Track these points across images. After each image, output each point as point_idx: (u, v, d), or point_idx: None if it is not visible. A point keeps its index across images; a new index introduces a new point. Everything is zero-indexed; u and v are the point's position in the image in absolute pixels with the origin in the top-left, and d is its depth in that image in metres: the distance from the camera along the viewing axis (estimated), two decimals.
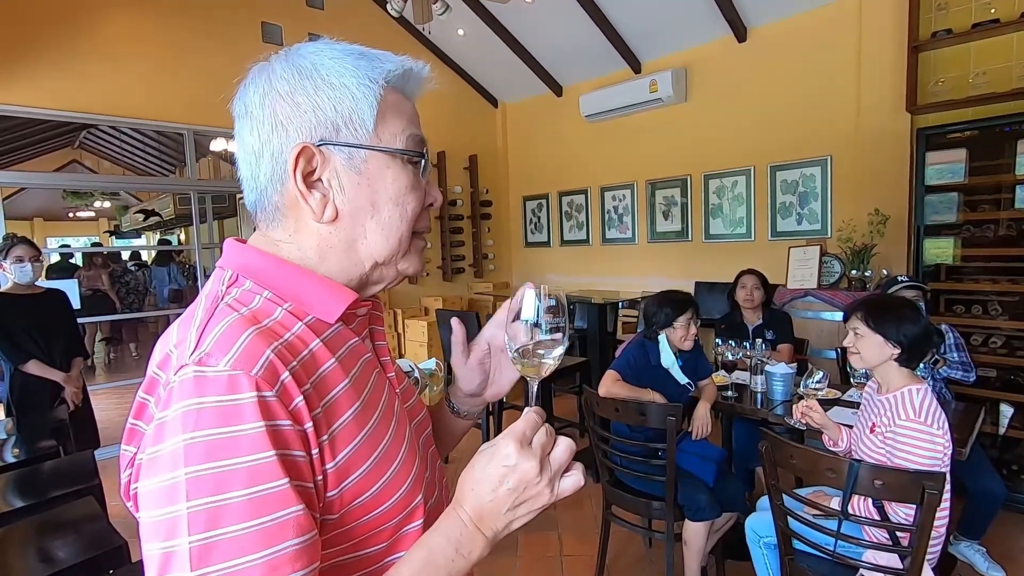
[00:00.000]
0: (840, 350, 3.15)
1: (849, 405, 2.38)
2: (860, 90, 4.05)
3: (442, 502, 0.70)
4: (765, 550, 1.98)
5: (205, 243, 4.94)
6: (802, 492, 1.89)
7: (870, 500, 1.64)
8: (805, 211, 4.49)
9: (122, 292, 7.59)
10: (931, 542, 1.53)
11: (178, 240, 11.24)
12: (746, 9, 4.51)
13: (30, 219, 11.33)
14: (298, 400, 0.52)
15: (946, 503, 1.63)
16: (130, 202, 11.34)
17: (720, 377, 2.71)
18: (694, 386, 2.51)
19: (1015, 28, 3.33)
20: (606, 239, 6.02)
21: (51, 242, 10.64)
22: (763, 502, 2.07)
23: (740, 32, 4.65)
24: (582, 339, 4.77)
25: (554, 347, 0.65)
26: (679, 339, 2.40)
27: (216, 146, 5.60)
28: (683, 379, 2.43)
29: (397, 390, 0.69)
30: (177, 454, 0.47)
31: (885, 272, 3.65)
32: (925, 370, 2.50)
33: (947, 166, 3.42)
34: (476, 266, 6.65)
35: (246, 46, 4.76)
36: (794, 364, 2.68)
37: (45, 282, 3.00)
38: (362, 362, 0.63)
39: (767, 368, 2.59)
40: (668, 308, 2.42)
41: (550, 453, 0.55)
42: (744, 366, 2.78)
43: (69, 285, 3.66)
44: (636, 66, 5.41)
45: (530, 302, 0.65)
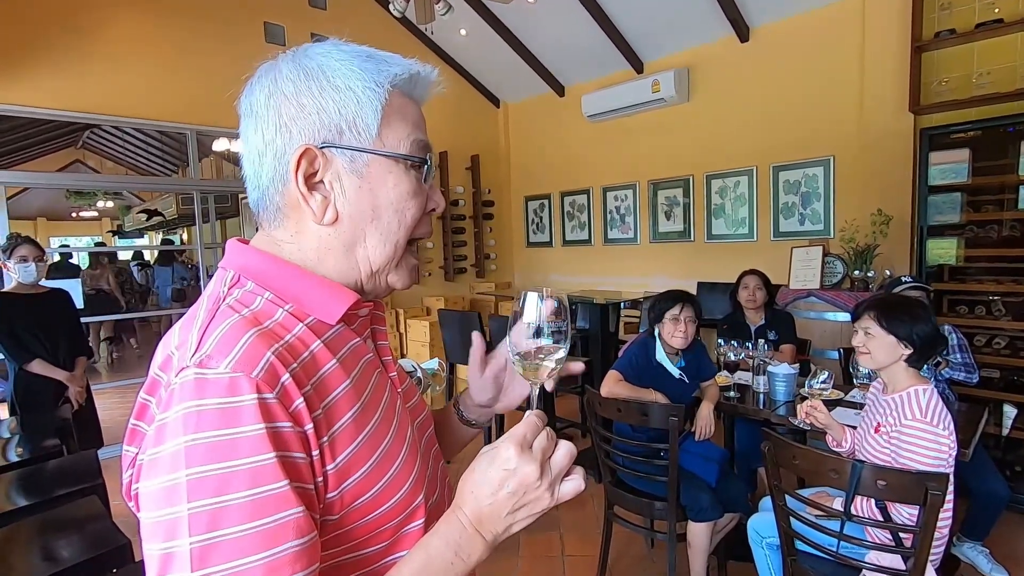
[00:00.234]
0: (843, 351, 3.14)
1: (852, 406, 2.37)
2: (863, 90, 4.04)
3: (444, 501, 0.70)
4: (767, 551, 1.97)
5: (208, 243, 4.95)
6: (805, 493, 1.89)
7: (873, 501, 1.64)
8: (808, 211, 4.48)
9: (127, 291, 7.61)
10: (934, 543, 1.53)
11: (180, 240, 11.26)
12: (748, 9, 4.51)
13: (34, 219, 11.35)
14: (298, 402, 0.52)
15: (949, 504, 1.62)
16: (133, 202, 11.36)
17: (722, 377, 2.71)
18: (697, 386, 2.50)
19: (1019, 28, 3.32)
20: (608, 239, 6.01)
21: (54, 242, 10.68)
22: (765, 502, 2.07)
23: (743, 32, 4.64)
24: (584, 339, 4.77)
25: (556, 351, 0.65)
26: (668, 334, 2.39)
27: (219, 146, 5.61)
28: (676, 372, 2.41)
29: (399, 390, 0.69)
30: (178, 455, 0.47)
31: (888, 273, 3.64)
32: (928, 371, 2.49)
33: (950, 166, 3.41)
34: (478, 266, 6.65)
35: (248, 46, 4.77)
36: (797, 365, 2.68)
37: (48, 282, 3.00)
38: (363, 363, 0.63)
39: (769, 368, 2.58)
40: (661, 302, 2.42)
41: (551, 457, 0.55)
42: (746, 366, 2.78)
43: (72, 285, 3.67)
44: (638, 66, 5.40)
45: (532, 306, 0.65)
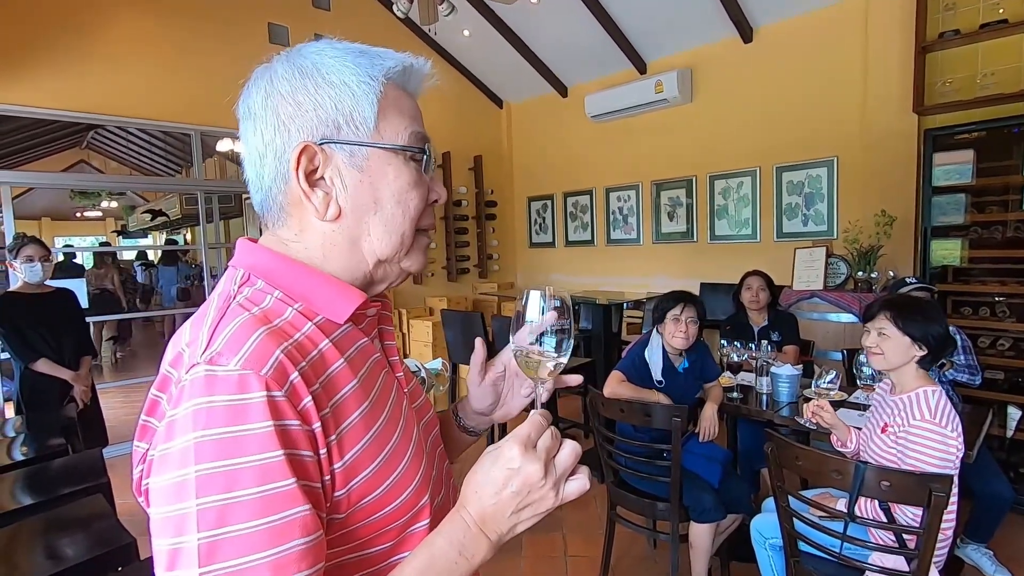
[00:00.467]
0: (846, 352, 3.14)
1: (856, 407, 2.37)
2: (867, 91, 4.03)
3: (449, 502, 0.70)
4: (770, 552, 1.97)
5: (212, 243, 4.96)
6: (808, 494, 1.88)
7: (876, 502, 1.64)
8: (811, 212, 4.47)
9: (128, 291, 7.64)
10: (938, 545, 1.52)
11: (184, 240, 11.30)
12: (752, 9, 4.50)
13: (38, 219, 11.41)
14: (307, 400, 0.52)
15: (953, 506, 1.62)
16: (137, 202, 11.40)
17: (725, 378, 2.70)
18: (700, 387, 2.50)
19: None
20: (611, 240, 6.01)
21: (58, 242, 10.72)
22: (768, 503, 2.07)
23: (746, 32, 4.64)
24: (587, 340, 4.77)
25: (559, 351, 0.65)
26: (669, 334, 2.38)
27: (222, 146, 5.63)
28: (657, 375, 2.40)
29: (405, 390, 0.69)
30: (187, 452, 0.47)
31: (892, 273, 3.63)
32: (932, 373, 2.48)
33: (954, 167, 3.40)
34: (481, 266, 6.66)
35: (252, 47, 4.78)
36: (800, 366, 2.68)
37: (53, 281, 3.02)
38: (371, 362, 0.63)
39: (773, 369, 2.58)
40: (663, 303, 2.41)
41: (555, 456, 0.55)
42: (749, 367, 2.77)
43: (77, 284, 3.69)
44: (641, 66, 5.40)
45: (535, 305, 0.65)
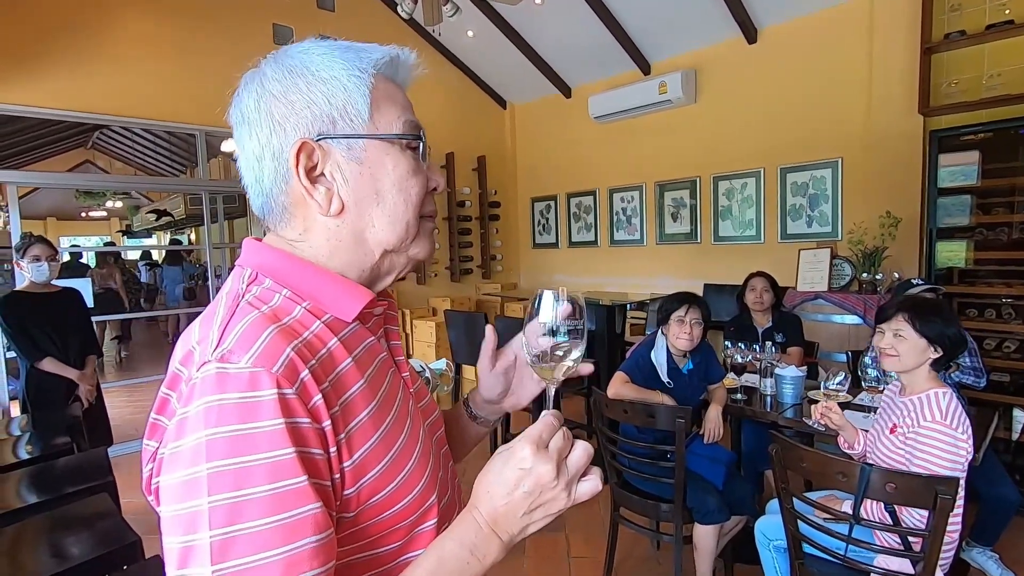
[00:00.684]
0: (850, 353, 3.13)
1: (860, 408, 2.36)
2: (871, 92, 4.02)
3: (454, 502, 0.70)
4: (775, 553, 1.96)
5: (216, 243, 4.98)
6: (812, 496, 1.88)
7: (882, 504, 1.63)
8: (815, 213, 4.46)
9: (131, 291, 7.67)
10: (944, 547, 1.51)
11: (188, 240, 11.33)
12: (756, 10, 4.49)
13: (44, 218, 11.47)
14: (317, 398, 0.52)
15: (959, 508, 1.61)
16: (141, 202, 11.45)
17: (729, 380, 2.70)
18: (704, 388, 2.50)
19: None
20: (614, 241, 6.01)
21: (64, 241, 10.77)
22: (773, 505, 2.06)
23: (750, 33, 4.63)
24: (590, 340, 4.75)
25: (572, 351, 0.65)
26: (673, 336, 2.38)
27: (227, 147, 5.64)
28: (664, 376, 2.40)
29: (411, 390, 0.69)
30: (199, 449, 0.47)
31: (897, 275, 3.62)
32: (940, 375, 2.47)
33: (960, 168, 3.39)
34: (484, 267, 6.66)
35: (257, 48, 4.66)
36: (804, 367, 2.67)
37: (60, 281, 3.03)
38: (378, 361, 0.63)
39: (777, 371, 2.57)
40: (667, 304, 2.41)
41: (567, 457, 0.55)
42: (753, 369, 2.77)
43: (83, 284, 3.70)
44: (645, 67, 5.40)
45: (548, 306, 0.65)
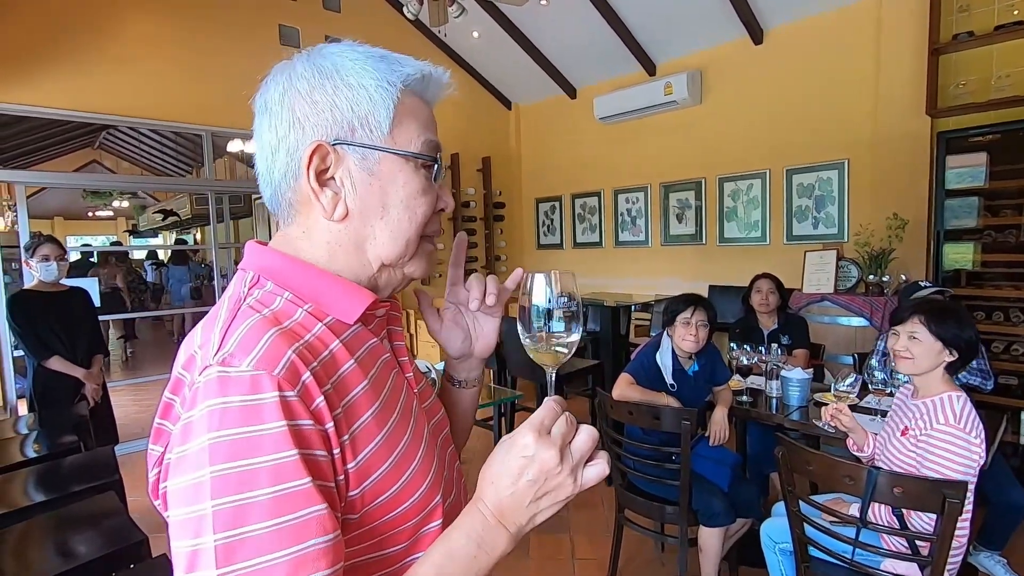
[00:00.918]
0: (857, 356, 3.11)
1: (867, 411, 2.35)
2: (878, 93, 4.00)
3: (460, 503, 0.70)
4: (781, 556, 1.95)
5: (222, 243, 4.99)
6: (819, 499, 1.87)
7: (889, 508, 1.62)
8: (822, 215, 4.44)
9: (133, 291, 7.72)
10: (952, 552, 1.50)
11: (194, 240, 11.38)
12: (762, 10, 4.48)
13: (51, 218, 11.53)
14: (319, 400, 0.52)
15: (968, 513, 1.60)
16: (147, 202, 11.51)
17: (735, 382, 2.69)
18: (710, 390, 2.49)
19: None
20: (619, 242, 6.00)
21: (71, 241, 10.84)
22: (779, 507, 2.05)
23: (756, 34, 4.61)
24: (595, 341, 4.76)
25: (568, 333, 0.64)
26: (679, 337, 2.37)
27: (233, 147, 5.67)
28: (669, 378, 2.39)
29: (415, 390, 0.69)
30: (202, 453, 0.47)
31: (904, 277, 3.60)
32: None
33: (967, 170, 3.37)
34: (488, 267, 6.66)
35: (264, 48, 4.81)
36: (810, 369, 2.65)
37: (68, 280, 3.05)
38: (381, 363, 0.63)
39: (783, 373, 2.56)
40: (673, 305, 2.40)
41: (571, 442, 0.54)
42: (759, 371, 2.76)
43: (90, 283, 3.72)
44: (651, 68, 5.39)
45: (540, 288, 0.64)
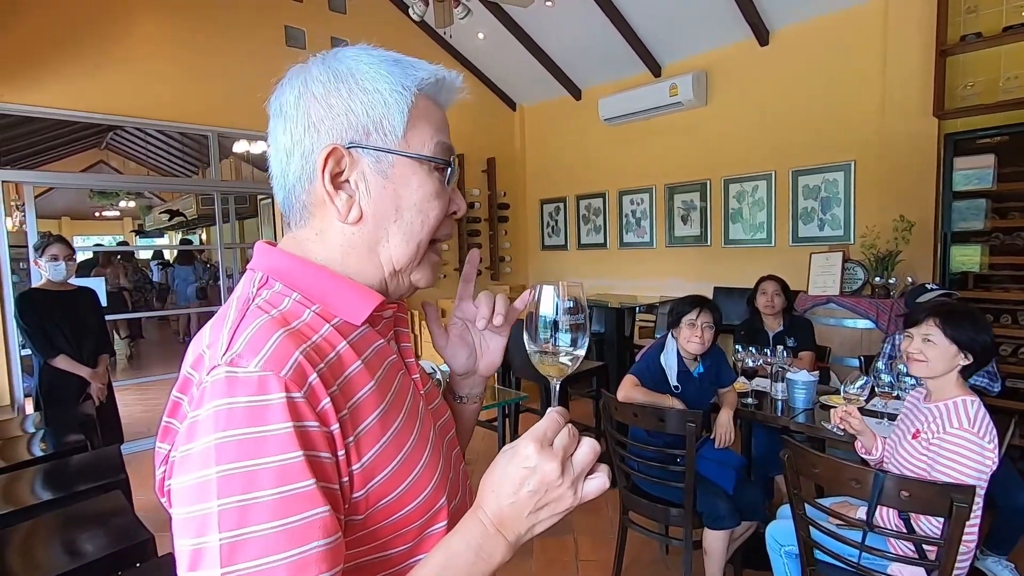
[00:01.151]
0: (863, 359, 3.10)
1: (873, 414, 2.33)
2: (885, 94, 3.98)
3: (465, 504, 0.70)
4: (786, 559, 1.95)
5: (227, 243, 5.01)
6: (825, 502, 1.86)
7: (896, 511, 1.61)
8: (827, 216, 4.42)
9: (137, 290, 7.77)
10: (960, 556, 1.49)
11: (200, 240, 11.43)
12: (768, 11, 4.47)
13: (58, 218, 11.60)
14: (325, 402, 0.52)
15: (977, 517, 1.59)
16: (153, 202, 11.58)
17: (740, 384, 2.68)
18: (715, 392, 2.48)
19: None
20: (624, 243, 5.99)
21: (78, 241, 10.90)
22: (784, 510, 2.04)
23: (762, 35, 4.60)
24: (599, 343, 4.75)
25: (575, 346, 0.64)
26: (684, 339, 2.36)
27: (239, 147, 5.70)
28: (674, 380, 2.38)
29: (422, 392, 0.69)
30: (208, 452, 0.48)
31: (910, 279, 3.58)
32: None
33: (974, 172, 3.35)
34: (493, 269, 6.66)
35: (270, 50, 4.83)
36: (816, 372, 2.64)
37: (76, 279, 3.07)
38: (387, 364, 0.63)
39: (789, 375, 2.55)
40: (679, 307, 2.40)
41: (573, 454, 0.54)
42: (764, 373, 2.75)
43: (97, 283, 3.74)
44: (656, 69, 5.38)
45: (548, 299, 0.64)
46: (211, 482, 0.47)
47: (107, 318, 3.23)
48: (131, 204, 11.74)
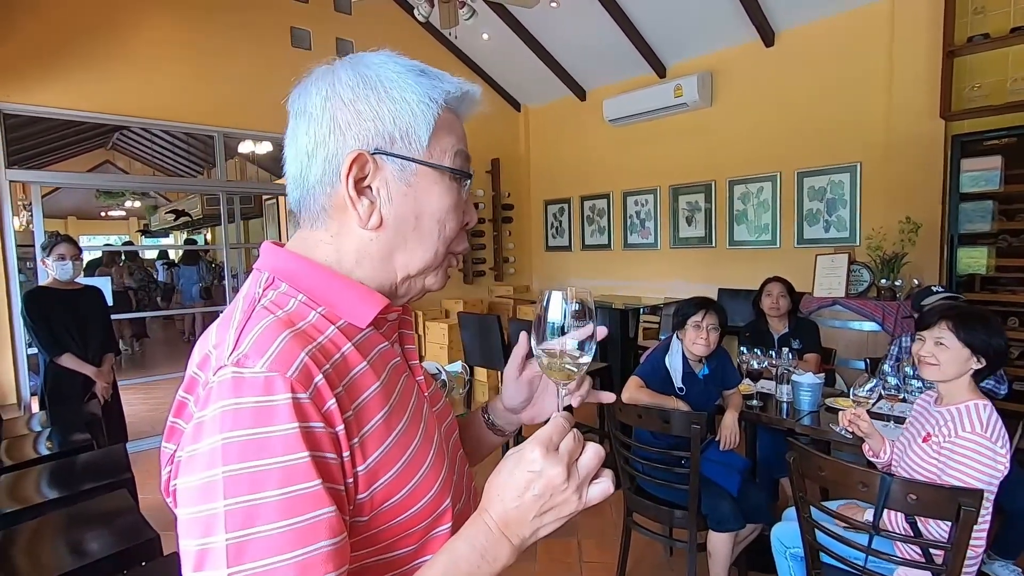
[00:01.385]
0: (868, 361, 3.08)
1: (879, 417, 2.32)
2: (892, 95, 3.96)
3: (469, 506, 0.70)
4: (791, 561, 1.94)
5: (232, 243, 5.03)
6: (831, 505, 1.85)
7: (903, 515, 1.60)
8: (833, 218, 4.41)
9: (141, 290, 7.80)
10: (968, 561, 1.48)
11: (204, 240, 11.48)
12: (773, 12, 4.46)
13: (65, 217, 11.66)
14: (331, 402, 0.52)
15: (985, 522, 1.57)
16: (159, 202, 11.63)
17: (745, 386, 2.67)
18: (720, 394, 2.47)
19: None
20: (628, 244, 5.98)
21: (84, 240, 10.96)
22: (789, 512, 2.03)
23: (767, 36, 4.59)
24: (603, 344, 4.74)
25: (582, 352, 0.64)
26: (690, 341, 2.35)
27: (244, 148, 5.71)
28: (678, 381, 2.37)
29: (425, 394, 0.69)
30: (215, 453, 0.48)
31: (916, 282, 3.56)
32: None
33: (982, 173, 3.33)
34: (497, 269, 6.67)
35: (275, 51, 4.84)
36: (822, 374, 2.63)
37: (81, 279, 3.09)
38: (391, 366, 0.63)
39: (794, 378, 2.54)
40: (684, 308, 2.39)
41: (578, 459, 0.54)
42: (769, 375, 2.73)
43: (103, 282, 3.76)
44: (661, 70, 5.37)
45: (557, 306, 0.64)
46: (217, 482, 0.47)
47: (112, 317, 3.25)
48: (137, 204, 11.80)
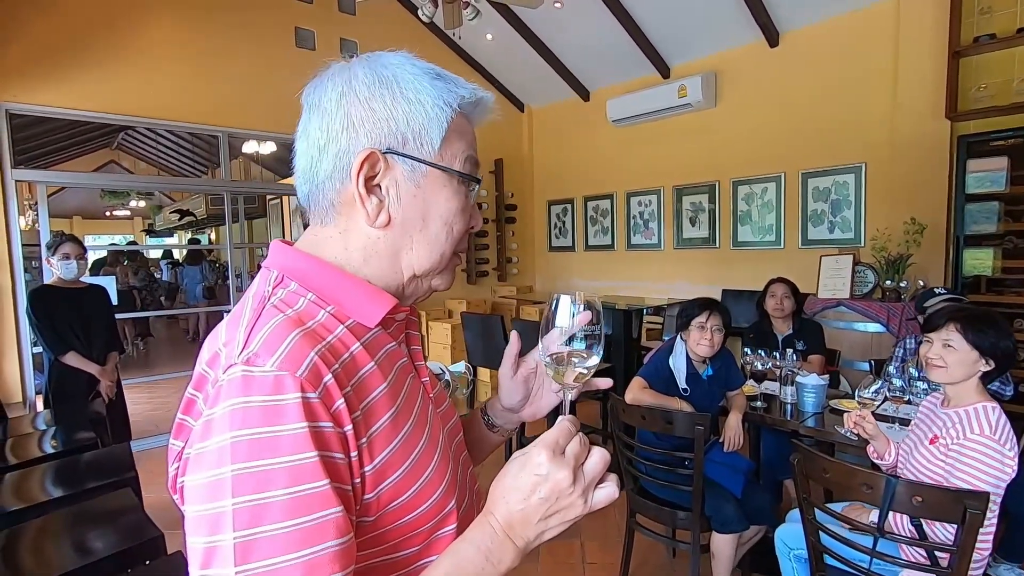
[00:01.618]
0: (873, 362, 3.07)
1: (883, 419, 2.31)
2: (897, 96, 3.95)
3: (473, 508, 0.70)
4: (795, 563, 1.93)
5: (236, 243, 5.04)
6: (835, 507, 1.84)
7: (908, 517, 1.59)
8: (838, 219, 4.39)
9: (144, 289, 7.83)
10: (974, 564, 1.47)
11: (208, 239, 11.51)
12: (778, 13, 4.45)
13: (70, 217, 11.71)
14: (339, 402, 0.52)
15: (992, 524, 1.57)
16: (163, 201, 11.66)
17: (749, 387, 2.66)
18: (723, 395, 2.47)
19: None
20: (631, 245, 5.97)
21: (89, 240, 10.99)
22: (793, 513, 2.03)
23: (772, 36, 4.58)
24: (606, 345, 4.73)
25: (588, 356, 0.64)
26: (694, 342, 2.35)
27: (248, 148, 5.73)
28: (682, 382, 2.37)
29: (431, 395, 0.69)
30: (223, 451, 0.48)
31: (921, 283, 3.55)
32: None
33: (987, 174, 3.32)
34: (500, 270, 6.67)
35: (279, 51, 4.85)
36: (826, 375, 2.62)
37: (86, 278, 3.10)
38: (398, 366, 0.63)
39: (799, 379, 2.53)
40: (688, 309, 2.38)
41: (584, 463, 0.55)
42: (773, 376, 2.73)
43: (107, 281, 3.78)
44: (665, 71, 5.37)
45: (565, 310, 0.65)
46: (226, 480, 0.47)
47: (116, 316, 3.26)
48: (141, 204, 11.83)
